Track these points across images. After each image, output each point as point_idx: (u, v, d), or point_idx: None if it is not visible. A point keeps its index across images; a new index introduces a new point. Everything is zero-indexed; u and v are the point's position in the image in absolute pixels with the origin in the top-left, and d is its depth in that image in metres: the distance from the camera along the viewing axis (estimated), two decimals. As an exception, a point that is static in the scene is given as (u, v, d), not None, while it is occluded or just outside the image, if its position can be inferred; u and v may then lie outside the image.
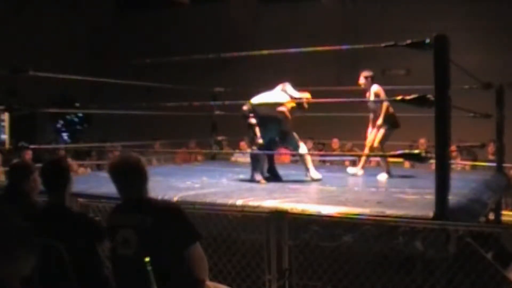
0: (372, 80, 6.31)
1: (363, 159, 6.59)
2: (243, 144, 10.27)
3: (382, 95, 6.13)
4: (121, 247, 2.65)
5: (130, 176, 2.75)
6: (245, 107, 5.74)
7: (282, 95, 5.77)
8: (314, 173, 5.77)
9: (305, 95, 5.84)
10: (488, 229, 3.89)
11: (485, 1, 12.33)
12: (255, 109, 5.70)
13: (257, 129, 5.67)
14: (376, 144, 6.16)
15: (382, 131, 6.14)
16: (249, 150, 9.86)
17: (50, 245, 2.70)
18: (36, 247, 2.04)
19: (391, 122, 6.15)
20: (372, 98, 6.13)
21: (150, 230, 2.60)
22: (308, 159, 5.92)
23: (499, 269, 3.54)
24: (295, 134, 5.86)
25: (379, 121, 6.13)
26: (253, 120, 5.70)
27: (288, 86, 5.81)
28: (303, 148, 5.93)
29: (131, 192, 2.76)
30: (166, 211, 2.73)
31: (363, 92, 6.39)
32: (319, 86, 8.49)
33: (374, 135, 6.21)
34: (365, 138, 6.46)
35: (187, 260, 2.63)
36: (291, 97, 5.72)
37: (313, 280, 3.65)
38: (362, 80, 6.35)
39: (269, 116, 5.69)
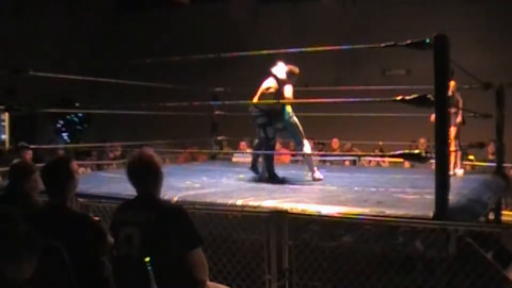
0: (452, 74, 6.37)
1: (452, 158, 6.49)
2: (243, 144, 10.27)
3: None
4: (124, 245, 2.66)
5: (141, 174, 2.77)
6: (250, 108, 5.73)
7: (272, 81, 5.77)
8: (317, 174, 5.77)
9: (292, 69, 5.83)
10: (488, 229, 3.89)
11: (485, 1, 12.33)
12: (258, 107, 5.68)
13: (268, 130, 5.65)
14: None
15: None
16: (248, 150, 9.91)
17: (50, 245, 2.70)
18: (39, 250, 2.07)
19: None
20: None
21: (154, 228, 2.61)
22: (312, 159, 5.93)
23: (499, 269, 3.55)
24: (299, 128, 5.82)
25: (458, 118, 6.23)
26: (260, 120, 5.67)
27: (276, 70, 5.78)
28: (307, 147, 5.91)
29: (141, 190, 2.78)
30: (171, 211, 2.75)
31: None
32: (319, 86, 8.50)
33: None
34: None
35: (187, 262, 2.63)
36: (280, 80, 5.70)
37: (313, 280, 3.65)
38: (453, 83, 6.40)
39: (270, 109, 5.68)
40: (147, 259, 2.53)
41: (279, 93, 5.70)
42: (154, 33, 14.97)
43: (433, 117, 6.53)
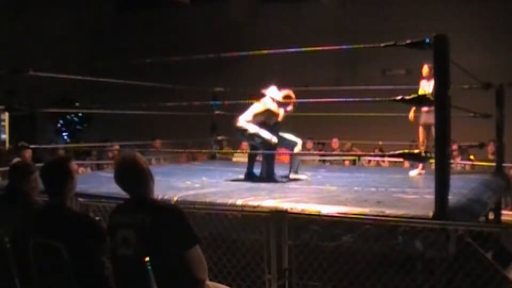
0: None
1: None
2: (245, 144, 10.26)
3: None
4: (121, 246, 2.66)
5: (128, 176, 2.75)
6: (238, 124, 5.76)
7: (268, 100, 5.81)
8: (297, 175, 5.81)
9: (289, 94, 5.84)
10: (488, 229, 3.89)
11: (485, 1, 12.33)
12: (248, 123, 5.73)
13: (262, 132, 5.67)
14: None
15: None
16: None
17: (50, 245, 2.70)
18: None
19: None
20: (429, 89, 6.18)
21: (149, 230, 2.60)
22: (297, 160, 5.95)
23: (499, 269, 3.55)
24: (288, 135, 5.92)
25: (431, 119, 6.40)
26: (252, 129, 5.70)
27: (270, 92, 5.84)
28: (298, 145, 5.97)
29: (132, 192, 2.76)
30: (166, 211, 2.72)
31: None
32: (319, 86, 8.50)
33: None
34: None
35: (186, 261, 2.62)
36: (277, 102, 5.77)
37: (313, 280, 3.65)
38: (426, 70, 6.47)
39: (263, 123, 5.74)
40: (147, 258, 2.53)
41: (271, 112, 5.76)
42: (154, 33, 14.97)
43: (411, 115, 6.69)
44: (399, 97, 4.06)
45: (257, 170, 5.96)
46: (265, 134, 5.67)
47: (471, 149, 9.22)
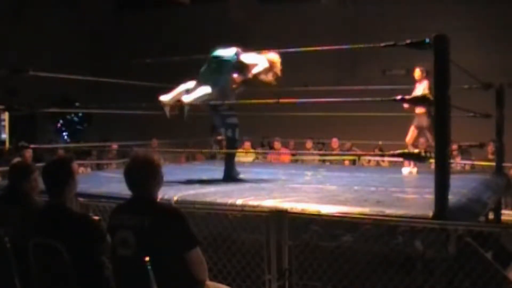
0: (427, 75, 6.51)
1: None
2: (248, 144, 10.26)
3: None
4: (120, 247, 2.66)
5: (135, 176, 2.75)
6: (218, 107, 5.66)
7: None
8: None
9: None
10: (488, 228, 3.89)
11: (485, 1, 12.34)
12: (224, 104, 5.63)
13: (238, 130, 5.64)
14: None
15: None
16: (252, 150, 9.87)
17: (50, 245, 2.70)
18: None
19: None
20: (420, 92, 6.23)
21: (148, 232, 2.60)
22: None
23: (499, 269, 3.55)
24: None
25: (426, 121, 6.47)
26: (233, 120, 5.64)
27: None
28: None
29: (136, 191, 2.76)
30: (165, 214, 2.72)
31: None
32: (319, 86, 8.50)
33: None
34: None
35: (186, 262, 2.62)
36: None
37: (313, 280, 3.64)
38: (418, 73, 6.51)
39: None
40: (147, 258, 2.53)
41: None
42: (154, 33, 14.97)
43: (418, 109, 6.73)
44: (399, 97, 4.06)
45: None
46: (238, 132, 5.64)
47: (471, 149, 9.22)
